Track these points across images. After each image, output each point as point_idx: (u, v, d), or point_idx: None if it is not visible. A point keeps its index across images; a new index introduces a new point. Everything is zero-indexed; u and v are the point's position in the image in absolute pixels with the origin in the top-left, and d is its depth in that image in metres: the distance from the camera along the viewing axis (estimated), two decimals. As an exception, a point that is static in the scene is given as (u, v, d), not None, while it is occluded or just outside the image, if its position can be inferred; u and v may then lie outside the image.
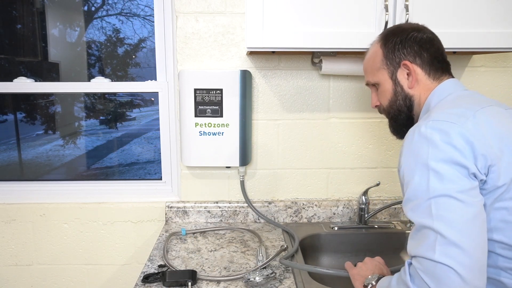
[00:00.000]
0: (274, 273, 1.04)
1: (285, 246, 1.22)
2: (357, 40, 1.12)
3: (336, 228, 1.40)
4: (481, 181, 0.72)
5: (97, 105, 1.98)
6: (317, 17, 1.11)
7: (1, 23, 1.65)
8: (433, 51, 0.89)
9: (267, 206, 1.46)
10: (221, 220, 1.47)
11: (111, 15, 1.73)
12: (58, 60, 1.72)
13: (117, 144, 2.59)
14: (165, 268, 1.09)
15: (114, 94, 2.00)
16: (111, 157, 2.53)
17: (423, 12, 1.11)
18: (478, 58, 1.42)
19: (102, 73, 1.81)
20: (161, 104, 1.47)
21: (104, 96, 1.95)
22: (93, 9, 1.74)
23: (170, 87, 1.47)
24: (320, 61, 1.33)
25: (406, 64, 0.90)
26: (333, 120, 1.44)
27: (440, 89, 0.87)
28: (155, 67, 1.46)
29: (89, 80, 1.47)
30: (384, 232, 1.39)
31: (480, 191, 0.72)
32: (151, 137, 2.62)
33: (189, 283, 1.00)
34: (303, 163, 1.46)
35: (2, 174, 1.81)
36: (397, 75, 0.92)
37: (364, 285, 0.89)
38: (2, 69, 1.66)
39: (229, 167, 1.45)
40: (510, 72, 1.44)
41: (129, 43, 1.80)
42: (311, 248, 1.36)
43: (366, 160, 1.47)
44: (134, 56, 1.82)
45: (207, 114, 1.33)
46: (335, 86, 1.42)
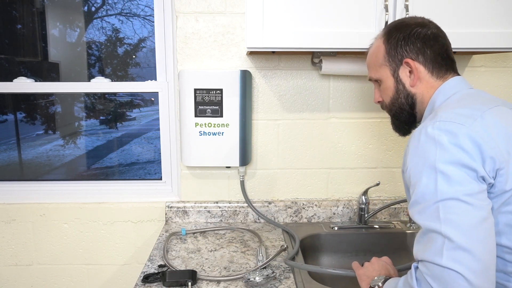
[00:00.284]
0: (274, 273, 1.04)
1: (285, 246, 1.22)
2: (357, 40, 1.12)
3: (336, 228, 1.40)
4: (489, 185, 0.70)
5: (97, 105, 1.98)
6: (317, 17, 1.11)
7: (1, 23, 1.65)
8: (437, 48, 0.86)
9: (267, 206, 1.46)
10: (221, 220, 1.47)
11: (111, 15, 1.73)
12: (58, 60, 1.73)
13: (117, 144, 2.59)
14: (165, 268, 1.09)
15: (114, 94, 2.00)
16: (111, 157, 2.53)
17: (423, 12, 1.11)
18: (478, 58, 1.42)
19: (102, 73, 1.81)
20: (161, 104, 1.47)
21: (104, 96, 1.95)
22: (93, 9, 1.74)
23: (170, 87, 1.47)
24: (320, 61, 1.33)
25: (408, 62, 0.87)
26: (333, 120, 1.44)
27: (446, 87, 0.85)
28: (155, 67, 1.46)
29: (89, 80, 1.47)
30: (384, 232, 1.39)
31: (488, 195, 0.70)
32: (151, 137, 2.62)
33: (189, 283, 1.00)
34: (303, 163, 1.46)
35: (2, 174, 1.81)
36: (399, 73, 0.90)
37: (371, 287, 0.88)
38: (2, 69, 1.66)
39: (229, 167, 1.45)
40: (510, 72, 1.44)
41: (129, 43, 1.80)
42: (311, 248, 1.36)
43: (366, 160, 1.47)
44: (134, 56, 1.82)
45: (207, 114, 1.33)
46: (335, 86, 1.42)
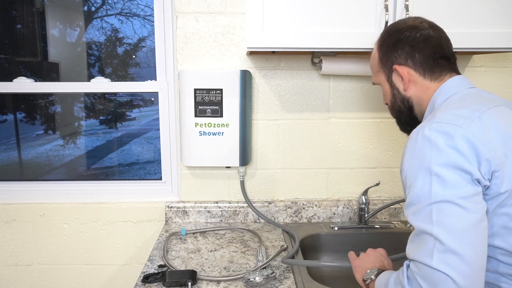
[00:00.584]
0: (274, 273, 1.04)
1: (285, 246, 1.22)
2: (357, 40, 1.12)
3: (336, 228, 1.40)
4: (485, 187, 0.70)
5: (97, 105, 1.98)
6: (317, 17, 1.11)
7: (1, 23, 1.65)
8: (427, 51, 0.85)
9: (267, 206, 1.46)
10: (221, 220, 1.47)
11: (111, 15, 1.73)
12: (58, 60, 1.72)
13: (117, 144, 2.59)
14: (165, 268, 1.09)
15: (114, 94, 2.00)
16: (111, 157, 2.53)
17: (423, 12, 1.11)
18: (478, 58, 1.42)
19: (102, 73, 1.81)
20: (161, 104, 1.47)
21: (104, 96, 1.95)
22: (93, 9, 1.74)
23: (170, 87, 1.47)
24: (320, 61, 1.33)
25: (395, 69, 0.89)
26: (333, 120, 1.44)
27: (446, 87, 0.85)
28: (155, 67, 1.46)
29: (89, 80, 1.47)
30: (384, 232, 1.39)
31: (483, 197, 0.70)
32: (151, 137, 2.62)
33: (189, 283, 1.00)
34: (303, 163, 1.46)
35: (2, 174, 1.81)
36: (393, 78, 0.91)
37: (364, 279, 0.90)
38: (2, 69, 1.66)
39: (229, 167, 1.45)
40: (510, 72, 1.44)
41: (129, 43, 1.80)
42: (311, 248, 1.36)
43: (366, 160, 1.47)
44: (134, 56, 1.82)
45: (207, 114, 1.33)
46: (335, 86, 1.42)
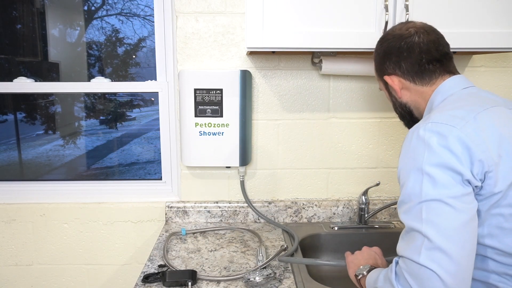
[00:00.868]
0: (274, 273, 1.04)
1: (285, 246, 1.22)
2: (357, 40, 1.12)
3: (336, 228, 1.40)
4: (476, 187, 0.71)
5: (97, 105, 1.98)
6: (317, 17, 1.11)
7: (1, 23, 1.65)
8: (412, 59, 0.87)
9: (267, 206, 1.46)
10: (221, 220, 1.47)
11: (111, 15, 1.73)
12: (58, 60, 1.72)
13: (117, 144, 2.59)
14: (165, 268, 1.09)
15: (114, 94, 2.00)
16: (111, 157, 2.53)
17: (423, 12, 1.11)
18: (478, 58, 1.42)
19: (102, 73, 1.81)
20: (161, 104, 1.47)
21: (104, 96, 1.95)
22: (93, 9, 1.74)
23: (170, 87, 1.47)
24: (320, 61, 1.33)
25: (385, 79, 0.92)
26: (333, 120, 1.44)
27: (443, 88, 0.85)
28: (155, 67, 1.46)
29: (89, 80, 1.47)
30: (384, 232, 1.39)
31: (476, 197, 0.71)
32: (151, 137, 2.62)
33: (189, 283, 1.00)
34: (303, 163, 1.46)
35: (2, 174, 1.81)
36: (388, 86, 0.95)
37: (355, 275, 0.91)
38: (2, 69, 1.66)
39: (229, 167, 1.45)
40: (510, 72, 1.44)
41: (129, 43, 1.80)
42: (311, 248, 1.36)
43: (366, 160, 1.47)
44: (134, 56, 1.82)
45: (207, 114, 1.33)
46: (335, 86, 1.42)
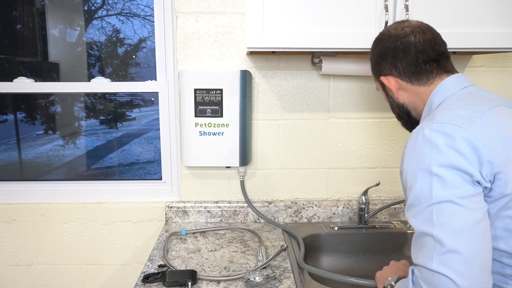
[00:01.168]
0: (274, 273, 1.04)
1: (285, 246, 1.22)
2: (357, 40, 1.12)
3: (336, 228, 1.40)
4: (486, 189, 0.69)
5: (97, 105, 1.98)
6: (317, 17, 1.11)
7: (1, 23, 1.65)
8: (408, 59, 0.86)
9: (267, 206, 1.46)
10: (221, 220, 1.47)
11: (111, 15, 1.73)
12: (58, 60, 1.72)
13: (117, 144, 2.59)
14: (165, 268, 1.09)
15: (114, 94, 2.00)
16: (111, 157, 2.53)
17: (423, 12, 1.11)
18: (478, 58, 1.42)
19: (102, 73, 1.81)
20: (161, 104, 1.48)
21: (104, 96, 1.95)
22: (93, 9, 1.74)
23: (170, 87, 1.47)
24: (320, 61, 1.33)
25: (382, 80, 0.91)
26: (333, 120, 1.44)
27: (442, 88, 0.84)
28: (155, 67, 1.46)
29: (89, 80, 1.47)
30: (384, 232, 1.39)
31: (485, 199, 0.70)
32: (151, 137, 2.62)
33: (189, 283, 1.00)
34: (303, 163, 1.46)
35: (2, 174, 1.81)
36: (385, 87, 0.94)
37: (384, 286, 0.88)
38: (2, 69, 1.66)
39: (229, 167, 1.45)
40: (510, 72, 1.44)
41: (129, 43, 1.80)
42: (311, 248, 1.36)
43: (366, 160, 1.47)
44: (134, 56, 1.82)
45: (207, 114, 1.33)
46: (335, 86, 1.42)
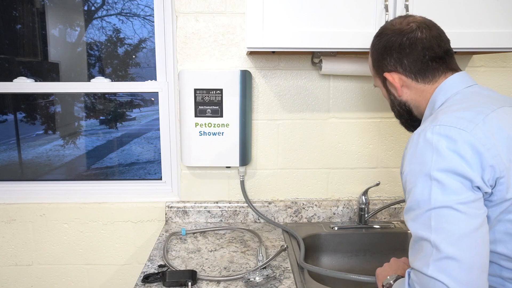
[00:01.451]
0: (274, 273, 1.04)
1: (285, 246, 1.22)
2: (357, 40, 1.12)
3: (336, 228, 1.40)
4: (486, 193, 0.69)
5: (97, 105, 1.98)
6: (317, 17, 1.11)
7: (1, 23, 1.65)
8: (415, 55, 0.83)
9: (267, 206, 1.46)
10: (221, 220, 1.47)
11: (111, 15, 1.73)
12: (58, 60, 1.72)
13: (117, 144, 2.59)
14: (165, 268, 1.09)
15: (114, 94, 2.00)
16: (111, 157, 2.52)
17: (423, 12, 1.11)
18: (478, 58, 1.42)
19: (102, 73, 1.81)
20: (161, 104, 1.47)
21: (104, 96, 1.95)
22: (93, 9, 1.74)
23: (170, 87, 1.47)
24: (320, 61, 1.33)
25: (385, 76, 0.88)
26: (333, 120, 1.44)
27: (446, 86, 0.82)
28: (155, 67, 1.46)
29: (89, 80, 1.47)
30: (384, 232, 1.39)
31: (486, 203, 0.69)
32: (151, 137, 2.62)
33: (189, 283, 1.00)
34: (303, 163, 1.46)
35: (2, 174, 1.81)
36: (387, 84, 0.91)
37: (383, 285, 0.88)
38: (2, 69, 1.66)
39: (229, 167, 1.45)
40: (510, 72, 1.44)
41: (129, 43, 1.80)
42: (311, 248, 1.36)
43: (366, 160, 1.47)
44: (134, 56, 1.82)
45: (207, 114, 1.33)
46: (335, 86, 1.42)
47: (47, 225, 1.48)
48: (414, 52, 0.84)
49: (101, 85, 1.47)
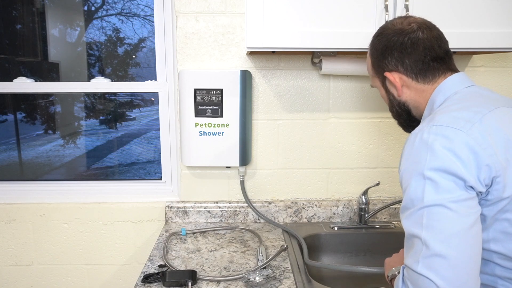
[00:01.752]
0: (274, 273, 1.04)
1: (285, 246, 1.22)
2: (357, 40, 1.12)
3: (336, 228, 1.40)
4: (480, 193, 0.69)
5: (97, 105, 1.98)
6: (317, 17, 1.11)
7: (1, 23, 1.65)
8: (416, 55, 0.84)
9: (267, 206, 1.46)
10: (221, 220, 1.47)
11: (111, 15, 1.73)
12: (58, 60, 1.72)
13: (117, 144, 2.59)
14: (165, 268, 1.09)
15: (114, 94, 2.00)
16: (111, 157, 2.52)
17: (423, 12, 1.11)
18: (478, 58, 1.42)
19: (102, 73, 1.81)
20: (161, 104, 1.48)
21: (104, 96, 1.95)
22: (93, 9, 1.74)
23: (170, 87, 1.47)
24: (320, 61, 1.33)
25: (386, 76, 0.88)
26: (333, 120, 1.44)
27: (445, 87, 0.83)
28: (155, 67, 1.46)
29: (89, 80, 1.47)
30: (384, 232, 1.39)
31: (483, 202, 0.70)
32: (151, 137, 2.62)
33: (189, 283, 1.00)
34: (303, 163, 1.46)
35: (2, 174, 1.81)
36: (387, 84, 0.91)
37: (387, 275, 0.90)
38: (2, 69, 1.66)
39: (229, 167, 1.45)
40: (510, 72, 1.44)
41: (129, 43, 1.80)
42: (311, 248, 1.36)
43: (366, 160, 1.47)
44: (134, 56, 1.82)
45: (207, 114, 1.33)
46: (335, 86, 1.42)
47: (47, 225, 1.48)
48: (416, 52, 0.84)
49: (101, 85, 1.47)
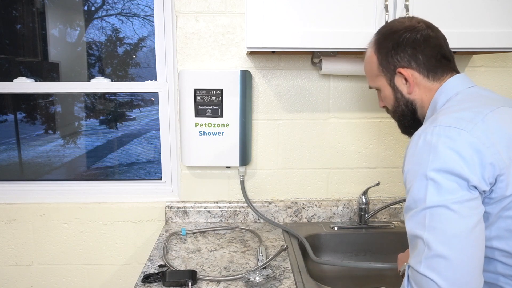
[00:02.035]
0: (274, 273, 1.04)
1: (285, 246, 1.22)
2: (357, 40, 1.12)
3: (336, 228, 1.40)
4: (484, 192, 0.69)
5: (97, 105, 1.98)
6: (317, 17, 1.11)
7: (1, 23, 1.65)
8: (429, 51, 0.84)
9: (267, 206, 1.46)
10: (221, 220, 1.47)
11: (111, 15, 1.73)
12: (58, 60, 1.72)
13: (117, 144, 2.59)
14: (165, 268, 1.09)
15: (114, 94, 2.00)
16: (111, 157, 2.53)
17: (423, 12, 1.11)
18: (478, 58, 1.42)
19: (102, 73, 1.81)
20: (161, 104, 1.48)
21: (104, 96, 1.95)
22: (93, 9, 1.74)
23: (170, 87, 1.47)
24: (320, 61, 1.33)
25: (401, 72, 0.87)
26: (333, 120, 1.44)
27: (447, 87, 0.83)
28: (155, 67, 1.46)
29: (89, 80, 1.47)
30: (384, 232, 1.39)
31: (487, 201, 0.70)
32: (151, 137, 2.62)
33: (189, 283, 1.00)
34: (303, 163, 1.46)
35: (2, 174, 1.81)
36: (395, 82, 0.90)
37: (399, 270, 0.91)
38: (2, 69, 1.66)
39: (229, 167, 1.45)
40: (510, 72, 1.44)
41: (129, 43, 1.80)
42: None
43: (366, 160, 1.47)
44: (134, 56, 1.82)
45: (207, 114, 1.33)
46: (335, 86, 1.42)
47: (47, 225, 1.48)
48: (428, 48, 0.84)
49: (101, 85, 1.47)
